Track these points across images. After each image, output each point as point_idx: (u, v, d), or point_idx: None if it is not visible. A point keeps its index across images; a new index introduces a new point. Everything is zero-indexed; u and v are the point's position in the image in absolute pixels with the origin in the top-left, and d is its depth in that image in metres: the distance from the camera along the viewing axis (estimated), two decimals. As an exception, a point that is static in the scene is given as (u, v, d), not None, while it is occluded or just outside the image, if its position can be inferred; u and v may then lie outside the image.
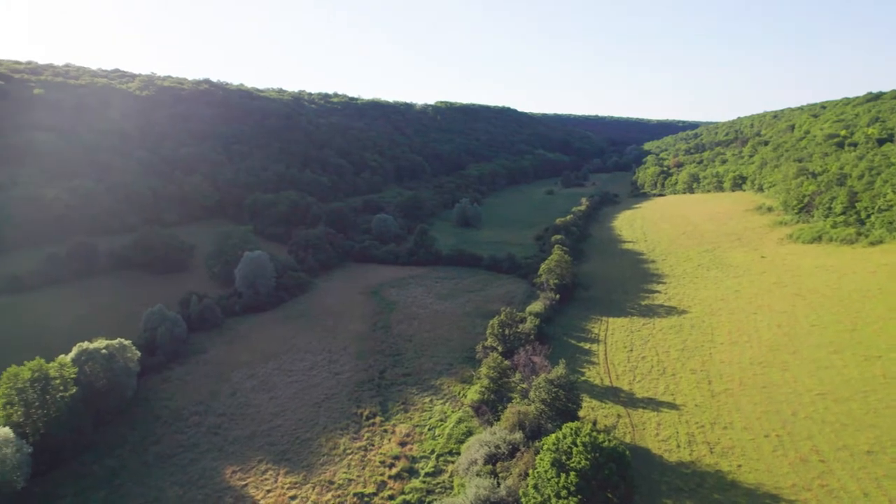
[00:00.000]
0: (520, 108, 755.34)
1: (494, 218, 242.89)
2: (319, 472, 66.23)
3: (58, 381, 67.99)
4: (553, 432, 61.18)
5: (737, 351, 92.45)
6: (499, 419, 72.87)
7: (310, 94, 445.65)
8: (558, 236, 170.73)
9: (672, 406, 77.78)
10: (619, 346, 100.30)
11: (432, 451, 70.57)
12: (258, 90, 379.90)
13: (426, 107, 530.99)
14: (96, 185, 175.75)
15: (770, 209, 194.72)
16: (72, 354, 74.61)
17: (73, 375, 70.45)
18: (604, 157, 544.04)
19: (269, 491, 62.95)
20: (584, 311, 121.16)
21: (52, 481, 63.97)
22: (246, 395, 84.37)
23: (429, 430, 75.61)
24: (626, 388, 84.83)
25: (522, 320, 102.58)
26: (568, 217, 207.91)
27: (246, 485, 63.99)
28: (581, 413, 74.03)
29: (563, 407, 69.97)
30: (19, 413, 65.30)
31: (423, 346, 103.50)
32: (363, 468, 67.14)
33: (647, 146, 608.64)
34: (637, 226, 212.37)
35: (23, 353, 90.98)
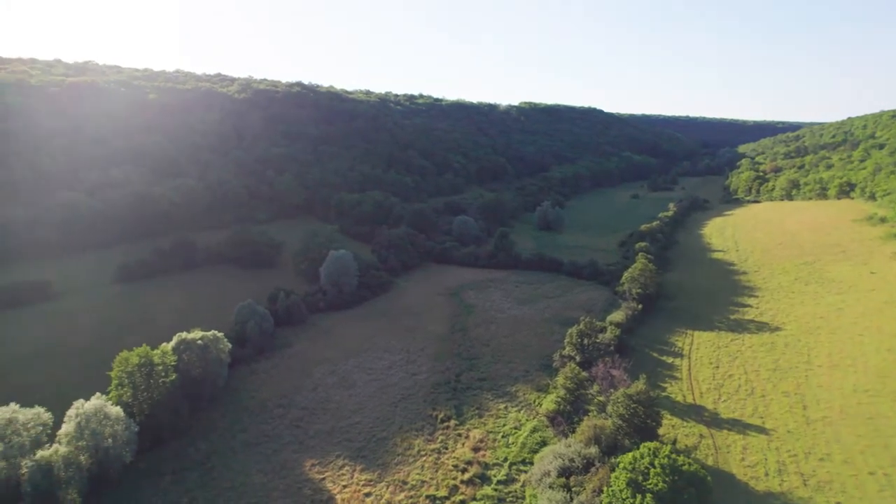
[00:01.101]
0: (606, 109, 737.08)
1: (577, 222, 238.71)
2: (394, 472, 67.86)
3: (160, 368, 73.62)
4: (630, 450, 59.68)
5: (838, 375, 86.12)
6: (574, 431, 71.78)
7: (396, 96, 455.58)
8: (643, 243, 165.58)
9: (761, 430, 73.65)
10: (705, 362, 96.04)
11: (505, 459, 70.57)
12: (347, 92, 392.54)
13: (510, 108, 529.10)
14: (197, 184, 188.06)
15: (883, 220, 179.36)
16: (172, 343, 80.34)
17: (173, 363, 76.02)
18: (694, 160, 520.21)
19: (345, 486, 65.21)
20: (668, 322, 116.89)
21: (154, 458, 69.37)
22: (327, 390, 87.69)
23: (502, 437, 75.63)
24: (710, 407, 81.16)
25: (602, 330, 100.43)
26: (654, 223, 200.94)
27: (324, 478, 66.61)
28: (661, 431, 71.60)
29: (641, 424, 67.97)
30: (128, 394, 71.34)
31: (500, 351, 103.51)
32: (436, 471, 68.16)
33: (741, 149, 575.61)
34: (728, 234, 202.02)
35: (130, 338, 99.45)
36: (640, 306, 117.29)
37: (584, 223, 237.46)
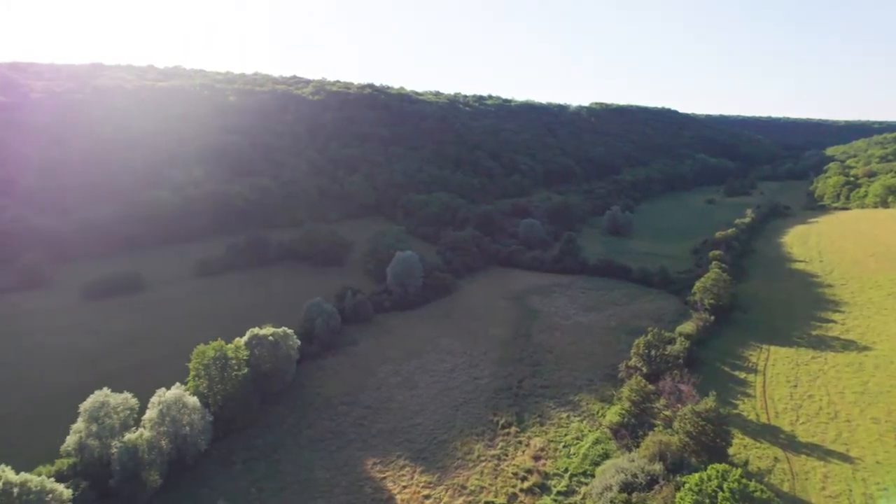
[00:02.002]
0: (680, 109, 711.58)
1: (647, 227, 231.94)
2: (453, 476, 68.47)
3: (234, 361, 77.38)
4: (697, 469, 57.74)
5: (933, 402, 79.89)
6: (638, 446, 70.00)
7: (465, 97, 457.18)
8: (717, 251, 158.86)
9: (845, 458, 69.26)
10: (781, 380, 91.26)
11: (566, 470, 69.74)
12: (417, 93, 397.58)
13: (580, 108, 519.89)
14: (271, 183, 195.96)
15: None
16: (245, 338, 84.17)
17: (245, 357, 79.71)
18: (775, 164, 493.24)
19: (405, 487, 66.40)
20: (742, 336, 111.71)
21: (225, 447, 72.98)
22: (390, 390, 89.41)
23: (564, 446, 74.78)
24: (786, 428, 77.09)
25: (671, 341, 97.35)
26: (730, 230, 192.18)
27: (385, 478, 68.04)
28: (731, 450, 68.73)
29: (710, 442, 65.55)
30: (204, 385, 75.46)
31: (564, 358, 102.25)
32: (495, 477, 68.25)
33: (829, 151, 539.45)
34: (812, 243, 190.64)
35: (207, 331, 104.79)
36: (712, 318, 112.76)
37: (654, 229, 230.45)
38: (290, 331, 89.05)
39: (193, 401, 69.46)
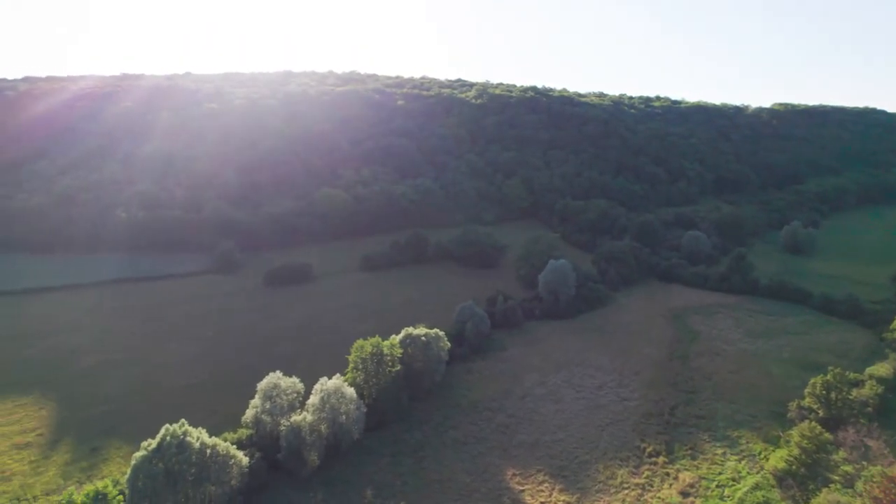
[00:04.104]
0: (889, 109, 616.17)
1: (834, 245, 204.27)
2: (593, 499, 66.35)
3: (388, 358, 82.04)
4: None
5: None
6: (807, 501, 62.21)
7: (630, 99, 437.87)
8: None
9: None
10: None
11: (719, 513, 64.26)
12: (579, 95, 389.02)
13: (759, 110, 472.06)
14: (433, 184, 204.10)
15: None
16: (400, 336, 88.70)
17: (399, 355, 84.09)
18: None
19: (542, 503, 65.64)
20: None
21: (375, 439, 77.65)
22: (535, 401, 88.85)
23: (717, 486, 68.88)
24: None
25: (858, 384, 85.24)
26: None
27: (523, 490, 67.85)
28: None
29: (902, 511, 56.27)
30: (360, 378, 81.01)
31: (724, 388, 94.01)
32: (639, 508, 64.94)
33: None
34: None
35: (365, 322, 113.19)
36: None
37: (844, 248, 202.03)
38: (441, 333, 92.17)
39: (350, 391, 74.79)
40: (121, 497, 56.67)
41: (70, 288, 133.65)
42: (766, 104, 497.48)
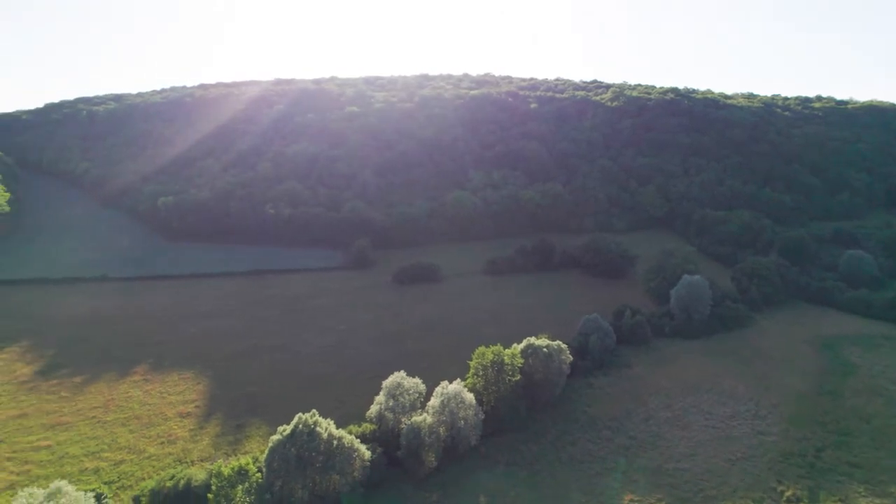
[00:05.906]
0: None
1: None
2: (721, 540, 61.89)
3: (509, 367, 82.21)
4: None
5: None
6: None
7: (784, 100, 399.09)
8: None
9: None
10: None
11: (871, 577, 57.20)
12: (725, 96, 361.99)
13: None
14: (562, 189, 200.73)
15: None
16: (521, 346, 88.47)
17: (519, 364, 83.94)
18: None
19: (664, 536, 62.48)
20: None
21: (492, 446, 78.23)
22: (659, 425, 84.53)
23: (872, 546, 61.37)
24: None
25: None
26: None
27: (643, 520, 65.04)
28: None
29: None
30: (480, 384, 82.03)
31: (887, 434, 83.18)
32: (774, 557, 59.58)
33: None
34: None
35: (487, 326, 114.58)
36: None
37: None
38: (563, 345, 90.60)
39: (470, 397, 76.05)
40: (259, 475, 62.30)
41: (223, 276, 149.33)
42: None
